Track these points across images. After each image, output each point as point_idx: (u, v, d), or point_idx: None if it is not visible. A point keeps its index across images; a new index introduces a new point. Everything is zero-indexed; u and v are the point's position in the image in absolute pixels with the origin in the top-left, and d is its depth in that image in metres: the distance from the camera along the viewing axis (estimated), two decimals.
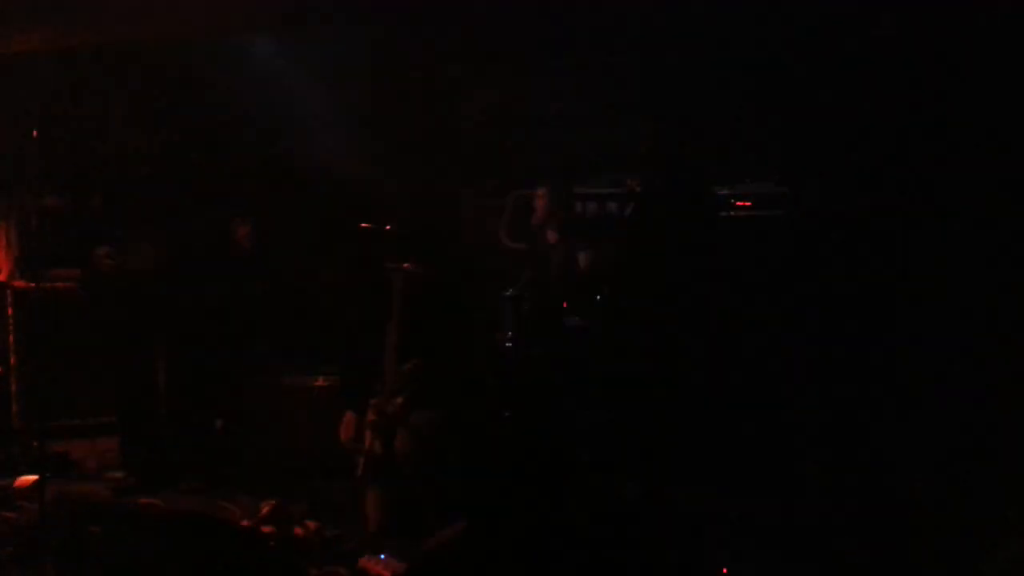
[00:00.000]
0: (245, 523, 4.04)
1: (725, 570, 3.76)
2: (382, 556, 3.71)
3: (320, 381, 5.30)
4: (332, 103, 6.03)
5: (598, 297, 4.88)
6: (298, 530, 3.95)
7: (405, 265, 5.44)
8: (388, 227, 5.69)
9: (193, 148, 4.74)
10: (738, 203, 5.19)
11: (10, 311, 5.35)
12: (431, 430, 4.34)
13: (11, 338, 5.36)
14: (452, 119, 6.69)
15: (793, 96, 5.16)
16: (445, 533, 3.26)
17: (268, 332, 6.01)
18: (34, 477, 4.41)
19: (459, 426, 4.53)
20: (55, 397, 5.45)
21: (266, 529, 3.87)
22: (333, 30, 5.52)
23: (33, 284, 5.25)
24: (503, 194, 6.57)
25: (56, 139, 4.71)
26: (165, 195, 4.65)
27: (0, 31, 4.60)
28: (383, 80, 6.29)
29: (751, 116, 5.35)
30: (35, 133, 3.84)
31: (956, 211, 4.44)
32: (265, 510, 4.23)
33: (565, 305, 5.21)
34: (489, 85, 6.56)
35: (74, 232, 4.95)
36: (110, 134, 4.57)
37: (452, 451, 4.44)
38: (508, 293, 5.40)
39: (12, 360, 5.40)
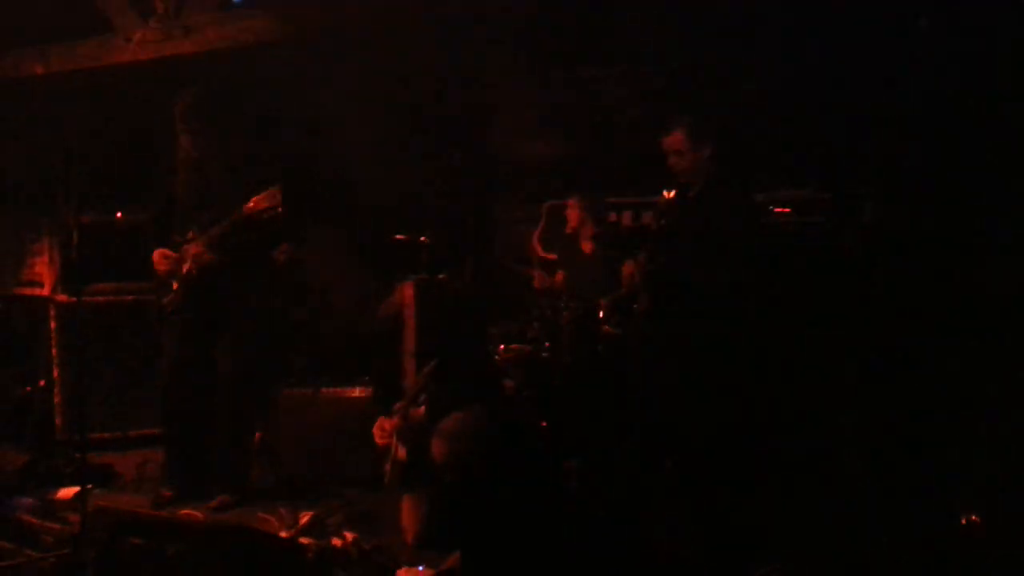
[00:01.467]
0: (283, 534, 4.04)
1: None
2: (420, 568, 3.69)
3: (357, 391, 5.30)
4: (365, 115, 6.07)
5: (634, 306, 4.84)
6: (336, 541, 3.94)
7: (440, 276, 5.47)
8: (423, 239, 5.72)
9: (228, 161, 4.76)
10: (776, 209, 5.14)
11: (53, 324, 5.44)
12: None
13: (54, 351, 5.45)
14: (486, 129, 6.70)
15: (833, 99, 5.10)
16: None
17: (305, 343, 6.06)
18: (76, 488, 4.48)
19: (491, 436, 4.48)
20: (98, 409, 5.56)
21: (304, 540, 3.87)
22: (362, 43, 5.55)
23: (75, 298, 5.36)
24: (537, 204, 6.58)
25: (95, 155, 4.79)
26: (202, 208, 4.67)
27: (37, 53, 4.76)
28: (416, 91, 6.33)
29: (790, 120, 5.30)
30: (74, 149, 3.88)
31: (1005, 217, 4.34)
32: (303, 521, 4.25)
33: (601, 315, 5.18)
34: (522, 94, 6.57)
35: (113, 247, 5.02)
36: (147, 150, 4.62)
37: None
38: (541, 303, 5.39)
39: (55, 373, 5.49)
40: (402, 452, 4.26)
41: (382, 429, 4.37)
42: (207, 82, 4.50)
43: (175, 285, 4.64)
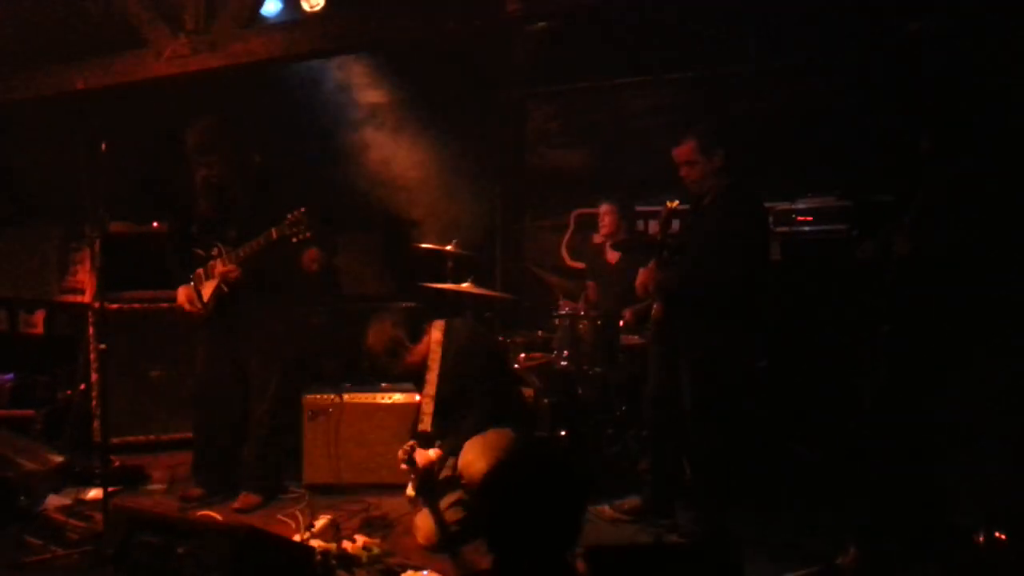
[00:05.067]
0: (296, 537, 4.12)
1: None
2: (424, 572, 3.74)
3: (384, 398, 5.37)
4: (392, 123, 6.17)
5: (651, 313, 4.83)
6: (346, 544, 4.01)
7: (464, 286, 5.51)
8: (449, 247, 5.77)
9: (255, 171, 4.89)
10: (799, 218, 5.09)
11: (91, 330, 5.64)
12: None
13: (92, 356, 5.64)
14: (515, 137, 6.76)
15: (857, 105, 5.04)
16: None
17: (336, 351, 6.17)
18: (109, 489, 4.63)
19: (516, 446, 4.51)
20: (133, 414, 5.74)
21: (315, 543, 3.95)
22: (389, 51, 5.64)
23: (115, 305, 5.57)
24: (565, 213, 6.61)
25: (124, 165, 4.93)
26: (227, 225, 4.80)
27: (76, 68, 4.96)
28: (445, 100, 6.41)
29: (813, 128, 5.25)
30: (103, 155, 4.03)
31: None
32: (319, 524, 4.32)
33: (622, 324, 5.18)
34: (551, 103, 6.62)
35: (149, 256, 5.17)
36: (175, 160, 4.77)
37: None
38: (564, 312, 5.40)
39: (93, 377, 5.68)
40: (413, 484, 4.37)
41: (404, 452, 4.46)
42: (211, 114, 4.64)
43: (205, 299, 4.80)
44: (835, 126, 5.14)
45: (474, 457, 4.28)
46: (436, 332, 4.60)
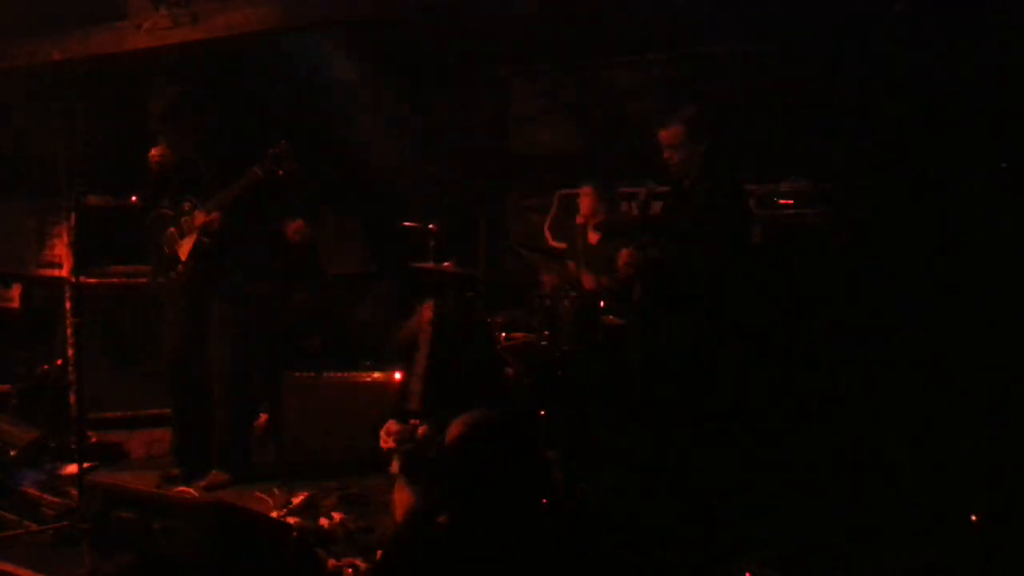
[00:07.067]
0: (274, 514, 4.12)
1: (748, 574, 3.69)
2: None
3: (362, 376, 5.35)
4: (378, 102, 6.12)
5: (632, 296, 4.83)
6: (323, 521, 4.02)
7: (446, 264, 5.50)
8: (432, 226, 5.76)
9: (241, 148, 4.84)
10: (779, 201, 5.10)
11: (68, 305, 5.58)
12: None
13: (69, 331, 5.59)
14: (499, 117, 6.72)
15: (836, 88, 5.04)
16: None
17: (317, 327, 6.15)
18: (85, 464, 4.60)
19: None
20: (111, 389, 5.70)
21: (290, 520, 3.95)
22: (377, 29, 5.60)
23: (89, 279, 5.51)
24: (549, 192, 6.59)
25: (104, 139, 4.88)
26: (197, 195, 4.74)
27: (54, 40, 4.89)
28: (428, 78, 6.36)
29: (792, 111, 5.26)
30: (76, 135, 3.98)
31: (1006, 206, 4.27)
32: (296, 502, 4.33)
33: (602, 304, 5.18)
34: (535, 82, 6.59)
35: (125, 229, 5.11)
36: (157, 135, 4.71)
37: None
38: (544, 292, 5.40)
39: (70, 353, 5.63)
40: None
41: (388, 432, 4.46)
42: (179, 88, 4.59)
43: (183, 258, 4.71)
44: (818, 108, 5.14)
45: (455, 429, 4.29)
46: (426, 312, 4.59)
